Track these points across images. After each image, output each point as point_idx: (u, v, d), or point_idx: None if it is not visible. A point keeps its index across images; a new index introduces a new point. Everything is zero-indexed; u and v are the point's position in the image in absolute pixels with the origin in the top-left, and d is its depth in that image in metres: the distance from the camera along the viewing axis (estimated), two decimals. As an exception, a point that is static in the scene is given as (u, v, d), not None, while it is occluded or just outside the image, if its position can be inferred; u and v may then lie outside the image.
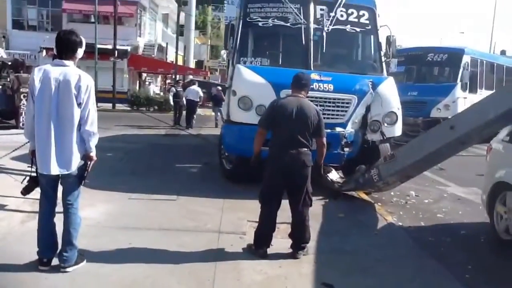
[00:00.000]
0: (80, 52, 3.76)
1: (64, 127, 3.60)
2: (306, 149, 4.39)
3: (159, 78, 38.54)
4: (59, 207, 3.84)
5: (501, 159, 5.72)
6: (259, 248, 4.43)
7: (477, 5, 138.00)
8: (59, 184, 3.79)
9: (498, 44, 58.85)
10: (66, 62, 3.66)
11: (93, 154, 3.75)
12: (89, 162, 3.76)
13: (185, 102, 17.59)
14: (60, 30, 3.88)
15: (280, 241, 4.65)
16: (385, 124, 7.04)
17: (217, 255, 4.39)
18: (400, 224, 5.97)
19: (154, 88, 32.27)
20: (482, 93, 14.44)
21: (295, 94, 4.55)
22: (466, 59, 15.05)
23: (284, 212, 4.62)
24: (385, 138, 7.05)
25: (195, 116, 17.68)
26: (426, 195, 7.70)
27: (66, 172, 3.65)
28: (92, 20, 26.51)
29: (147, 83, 32.98)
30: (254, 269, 4.12)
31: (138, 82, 32.62)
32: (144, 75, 34.26)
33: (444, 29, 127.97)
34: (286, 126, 4.37)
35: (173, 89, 19.66)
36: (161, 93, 30.34)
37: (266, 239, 4.48)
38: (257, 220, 4.59)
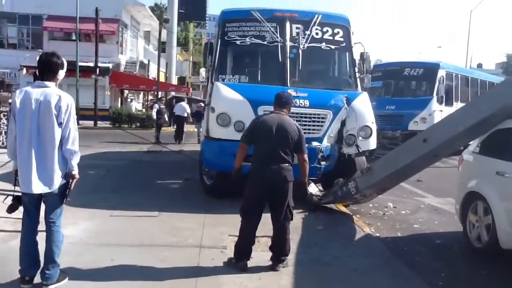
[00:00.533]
0: (62, 73, 3.86)
1: (45, 147, 3.68)
2: (287, 164, 4.52)
3: (141, 95, 38.50)
4: (41, 226, 3.89)
5: (472, 170, 5.95)
6: (239, 261, 4.53)
7: (454, 20, 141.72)
8: (42, 202, 3.85)
9: (475, 56, 60.24)
10: (47, 83, 3.76)
11: (75, 172, 3.81)
12: (71, 181, 3.83)
13: (166, 119, 17.72)
14: (42, 53, 4.00)
15: (260, 254, 4.76)
16: (360, 138, 7.23)
17: (198, 269, 4.48)
18: (378, 235, 6.13)
19: (136, 105, 32.23)
20: (458, 106, 14.77)
21: (277, 111, 4.72)
22: (441, 73, 15.47)
23: (266, 225, 4.74)
24: (360, 151, 7.25)
25: (183, 131, 17.79)
26: (403, 206, 7.90)
27: (48, 191, 3.71)
28: (73, 37, 26.51)
29: (129, 100, 32.92)
30: (234, 282, 4.20)
31: (120, 99, 32.55)
32: (126, 92, 34.21)
33: (422, 43, 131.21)
34: (267, 141, 4.51)
35: (156, 105, 19.76)
36: (143, 110, 30.30)
37: (246, 252, 4.58)
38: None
